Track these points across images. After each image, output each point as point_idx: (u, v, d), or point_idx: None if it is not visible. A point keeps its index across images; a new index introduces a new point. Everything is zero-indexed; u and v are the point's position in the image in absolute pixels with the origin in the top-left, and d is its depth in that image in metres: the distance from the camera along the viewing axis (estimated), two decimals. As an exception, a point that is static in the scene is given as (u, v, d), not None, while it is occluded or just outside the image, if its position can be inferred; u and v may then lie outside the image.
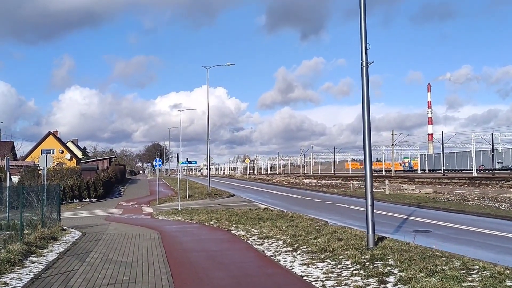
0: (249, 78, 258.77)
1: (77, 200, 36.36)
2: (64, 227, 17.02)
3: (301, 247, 12.18)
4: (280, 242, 13.12)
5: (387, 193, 33.94)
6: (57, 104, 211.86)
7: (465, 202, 26.63)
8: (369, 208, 11.84)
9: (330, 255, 10.94)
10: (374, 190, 39.32)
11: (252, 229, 16.18)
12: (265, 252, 12.04)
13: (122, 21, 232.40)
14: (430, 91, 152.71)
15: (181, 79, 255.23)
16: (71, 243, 13.36)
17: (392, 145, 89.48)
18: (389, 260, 9.91)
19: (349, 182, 57.24)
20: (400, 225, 17.93)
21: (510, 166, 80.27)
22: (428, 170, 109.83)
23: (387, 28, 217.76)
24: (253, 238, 14.25)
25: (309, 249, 11.85)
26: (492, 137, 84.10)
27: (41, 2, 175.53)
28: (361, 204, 27.96)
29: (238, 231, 16.11)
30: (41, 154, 69.16)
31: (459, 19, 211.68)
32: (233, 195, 38.29)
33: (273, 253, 11.85)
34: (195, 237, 14.87)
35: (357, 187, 42.76)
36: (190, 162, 32.55)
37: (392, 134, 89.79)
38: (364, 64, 11.71)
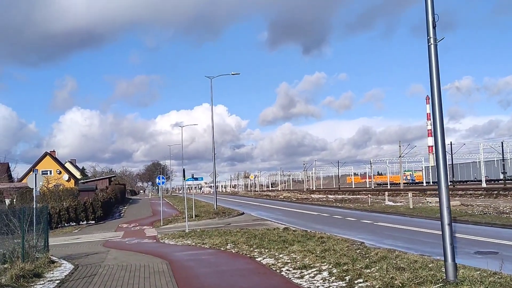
0: (250, 94, 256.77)
1: (74, 223, 33.46)
2: (54, 258, 14.19)
3: (355, 281, 9.39)
4: (325, 274, 10.31)
5: (411, 206, 31.12)
6: (58, 126, 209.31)
7: (505, 215, 23.91)
8: (447, 228, 9.12)
9: (404, 293, 8.16)
10: (390, 203, 36.62)
11: (281, 255, 13.39)
12: (311, 289, 9.26)
13: (124, 41, 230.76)
14: (428, 103, 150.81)
15: (182, 97, 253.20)
16: (58, 281, 10.51)
17: (400, 157, 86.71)
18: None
19: (362, 196, 54.46)
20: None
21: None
22: (432, 182, 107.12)
23: (388, 40, 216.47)
24: (287, 268, 11.44)
25: (369, 284, 9.05)
26: (502, 146, 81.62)
27: (42, 24, 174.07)
28: (389, 220, 25.37)
29: (264, 258, 13.30)
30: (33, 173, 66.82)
31: (460, 30, 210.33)
32: (243, 213, 35.43)
33: (322, 290, 9.07)
34: (214, 268, 12.02)
35: (373, 201, 39.86)
36: (196, 179, 29.71)
37: (400, 146, 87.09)
38: (432, 42, 9.06)
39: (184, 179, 26.16)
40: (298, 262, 11.97)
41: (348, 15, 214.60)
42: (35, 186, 20.07)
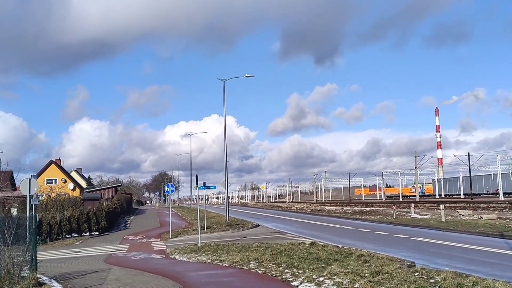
0: (260, 105, 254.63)
1: (76, 235, 30.97)
2: (43, 279, 11.71)
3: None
4: (395, 309, 7.73)
5: (443, 219, 28.39)
6: (67, 136, 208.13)
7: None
8: None
9: None
10: (416, 216, 33.80)
11: (321, 278, 10.82)
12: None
13: (137, 51, 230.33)
14: (438, 115, 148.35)
15: (192, 108, 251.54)
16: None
17: (416, 168, 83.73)
18: None
19: (381, 209, 51.64)
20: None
21: None
22: (444, 195, 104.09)
23: (400, 51, 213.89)
24: (337, 298, 8.87)
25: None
26: (522, 157, 78.32)
27: (56, 34, 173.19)
28: (426, 235, 22.48)
29: (302, 282, 10.75)
30: (45, 184, 64.61)
31: (475, 42, 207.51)
32: (258, 225, 32.79)
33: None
34: (240, 297, 9.47)
35: (397, 213, 37.09)
36: (209, 187, 27.12)
37: (416, 157, 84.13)
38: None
39: (197, 186, 23.61)
40: (348, 290, 9.41)
41: (360, 25, 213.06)
42: (29, 192, 17.69)
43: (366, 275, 10.82)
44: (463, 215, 30.72)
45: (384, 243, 19.56)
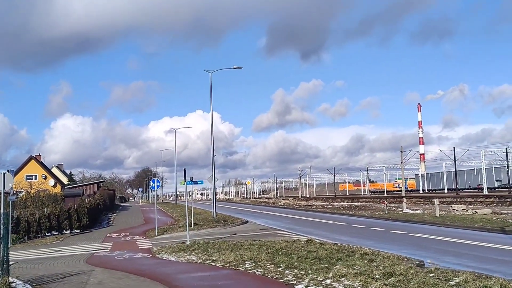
0: (245, 101, 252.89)
1: (56, 232, 29.47)
2: (16, 283, 10.44)
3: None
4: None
5: (437, 214, 27.61)
6: (49, 132, 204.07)
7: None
8: None
9: None
10: (408, 211, 33.02)
11: (328, 281, 9.78)
12: None
13: (122, 46, 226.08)
14: (420, 111, 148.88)
15: (176, 104, 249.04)
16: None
17: (402, 162, 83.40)
18: None
19: (370, 204, 50.96)
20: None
21: (508, 184, 74.91)
22: (427, 190, 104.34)
23: (385, 47, 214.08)
24: (353, 305, 7.81)
25: None
26: (507, 152, 78.33)
27: (39, 29, 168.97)
28: (424, 230, 21.35)
29: (308, 285, 9.67)
30: (25, 180, 62.53)
31: (458, 38, 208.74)
32: (247, 221, 31.67)
33: None
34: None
35: (389, 209, 36.31)
36: (196, 182, 25.92)
37: (401, 152, 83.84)
38: None
39: (184, 181, 22.39)
40: (362, 294, 8.36)
41: (347, 21, 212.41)
42: (3, 187, 16.31)
43: (378, 276, 9.80)
44: (457, 210, 29.99)
45: (382, 239, 18.61)
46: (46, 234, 28.90)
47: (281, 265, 11.97)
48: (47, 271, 13.66)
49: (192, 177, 25.59)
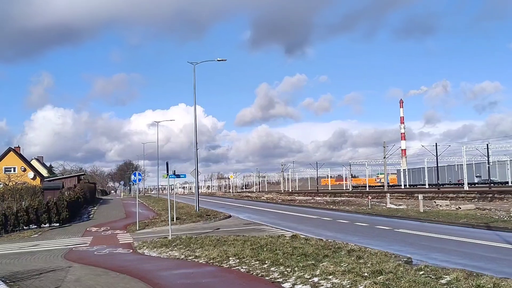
0: (228, 94, 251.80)
1: (34, 226, 28.73)
2: (-12, 281, 9.91)
3: None
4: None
5: (422, 210, 27.60)
6: (29, 124, 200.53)
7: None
8: None
9: None
10: (392, 206, 32.99)
11: (316, 279, 9.49)
12: None
13: (104, 38, 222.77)
14: (402, 107, 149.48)
15: (159, 97, 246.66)
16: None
17: (384, 158, 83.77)
18: None
19: (353, 199, 50.99)
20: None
21: (488, 180, 76.08)
22: (409, 185, 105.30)
23: (369, 42, 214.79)
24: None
25: None
26: (488, 148, 79.10)
27: (20, 18, 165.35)
28: (408, 226, 21.22)
29: (295, 283, 9.35)
30: (3, 172, 61.17)
31: (441, 35, 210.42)
32: (230, 216, 31.30)
33: None
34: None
35: (373, 204, 36.28)
36: (179, 176, 25.50)
37: (384, 147, 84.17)
38: None
39: (167, 174, 21.91)
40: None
41: (331, 16, 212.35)
42: (-23, 180, 15.68)
43: (366, 274, 9.54)
44: (440, 206, 30.04)
45: (368, 235, 18.41)
46: (24, 227, 28.14)
47: (266, 262, 11.65)
48: (23, 267, 13.13)
49: (174, 171, 25.15)
